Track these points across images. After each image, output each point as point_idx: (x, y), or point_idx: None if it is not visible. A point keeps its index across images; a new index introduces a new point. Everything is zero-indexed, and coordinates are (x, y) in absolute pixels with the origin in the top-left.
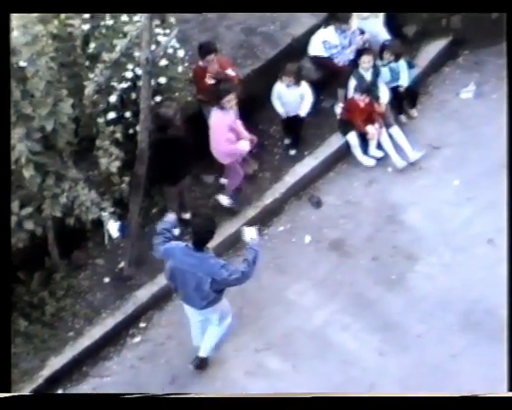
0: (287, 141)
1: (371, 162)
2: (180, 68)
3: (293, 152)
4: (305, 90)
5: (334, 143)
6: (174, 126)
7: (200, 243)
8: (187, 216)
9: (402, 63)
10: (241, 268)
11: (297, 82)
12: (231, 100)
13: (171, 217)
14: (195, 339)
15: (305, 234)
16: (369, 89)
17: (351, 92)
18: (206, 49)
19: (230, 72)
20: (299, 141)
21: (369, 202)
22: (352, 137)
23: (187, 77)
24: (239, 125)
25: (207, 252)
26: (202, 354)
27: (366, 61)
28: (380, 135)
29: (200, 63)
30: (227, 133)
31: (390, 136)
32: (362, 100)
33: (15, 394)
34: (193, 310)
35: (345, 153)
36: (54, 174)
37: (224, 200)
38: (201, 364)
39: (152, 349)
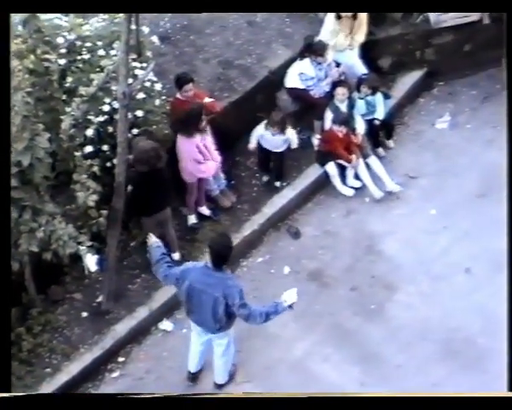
0: (265, 178)
1: (350, 192)
2: (157, 101)
3: (277, 184)
4: (291, 135)
5: (311, 174)
6: (152, 159)
7: (219, 262)
8: (176, 256)
9: (379, 97)
10: (254, 309)
11: (282, 130)
12: (201, 123)
13: (155, 241)
14: (192, 363)
15: (284, 265)
16: (346, 120)
17: (327, 124)
18: (182, 80)
19: (208, 100)
20: (283, 173)
21: (347, 233)
22: (331, 168)
23: (164, 110)
24: (210, 145)
25: (226, 272)
26: (220, 380)
27: (341, 93)
28: (357, 165)
29: (178, 95)
30: (195, 153)
31: (367, 166)
32: (340, 131)
33: (15, 394)
34: (199, 333)
35: (322, 184)
36: (30, 209)
37: (192, 219)
38: (220, 388)
39: (131, 384)
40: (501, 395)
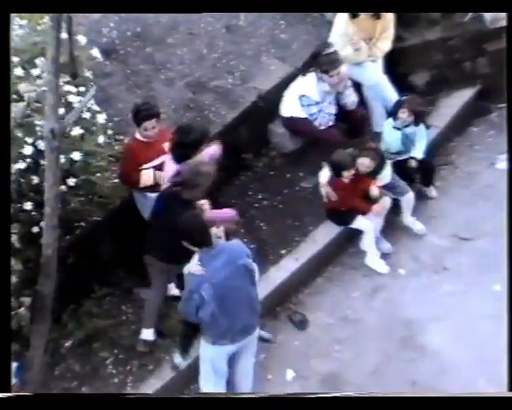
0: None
1: (384, 268)
2: (101, 139)
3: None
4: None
5: (320, 237)
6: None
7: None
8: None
9: (421, 128)
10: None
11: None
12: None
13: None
14: (210, 382)
15: (286, 368)
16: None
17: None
18: (144, 114)
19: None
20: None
21: (373, 319)
22: (364, 223)
23: (111, 151)
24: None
25: (219, 242)
26: (249, 387)
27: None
28: (381, 218)
29: (137, 135)
30: None
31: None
32: (346, 177)
33: (15, 394)
34: (226, 347)
35: (336, 250)
36: None
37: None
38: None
39: None
40: (501, 395)
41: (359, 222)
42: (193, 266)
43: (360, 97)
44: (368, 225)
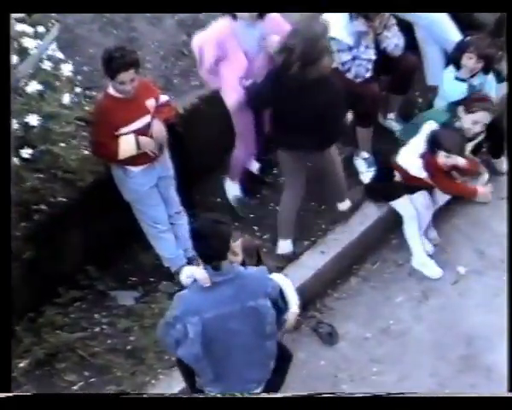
0: None
1: (435, 272)
2: (66, 97)
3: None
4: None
5: (353, 224)
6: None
7: (214, 256)
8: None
9: (491, 79)
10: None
11: None
12: None
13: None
14: None
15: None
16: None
17: (417, 146)
18: (118, 62)
19: (164, 99)
20: None
21: (423, 333)
22: (406, 207)
23: (79, 114)
24: None
25: (233, 265)
26: None
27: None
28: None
29: (110, 89)
30: None
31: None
32: (451, 162)
33: (15, 394)
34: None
35: (375, 242)
36: None
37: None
38: None
39: None
40: (501, 395)
41: (402, 204)
42: (198, 272)
43: (409, 39)
44: (409, 211)
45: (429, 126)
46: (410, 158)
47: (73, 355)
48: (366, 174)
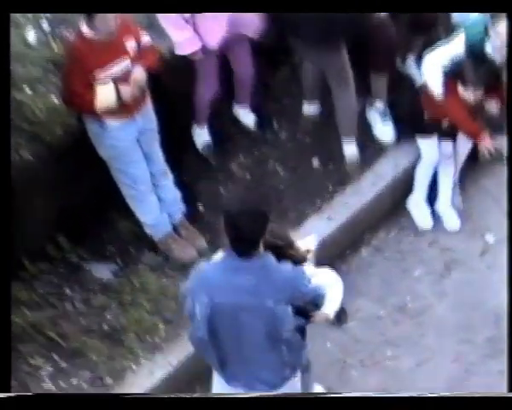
0: None
1: (426, 222)
2: (31, 35)
3: None
4: None
5: (365, 185)
6: None
7: (249, 243)
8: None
9: None
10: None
11: None
12: None
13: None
14: None
15: (314, 382)
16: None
17: (435, 78)
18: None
19: (146, 41)
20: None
21: (445, 311)
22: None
23: (48, 55)
24: None
25: (265, 255)
26: None
27: None
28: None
29: (84, 29)
30: None
31: None
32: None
33: (15, 394)
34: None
35: (390, 206)
36: None
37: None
38: None
39: None
40: (501, 395)
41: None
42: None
43: None
44: (434, 153)
45: (460, 40)
46: (435, 69)
47: (41, 337)
48: (381, 128)
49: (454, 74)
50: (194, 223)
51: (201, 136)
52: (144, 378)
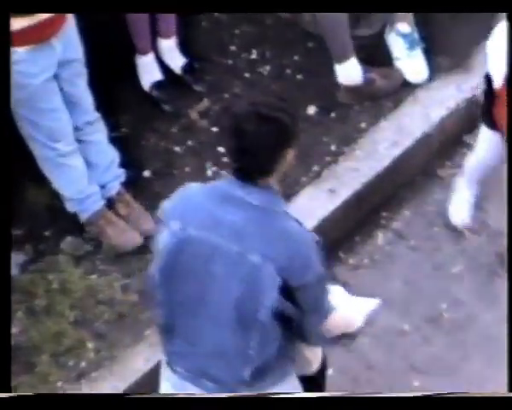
0: None
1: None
2: None
3: None
4: None
5: (384, 141)
6: None
7: (257, 162)
8: None
9: None
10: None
11: None
12: None
13: None
14: None
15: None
16: None
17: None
18: None
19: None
20: None
21: (497, 321)
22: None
23: None
24: None
25: (273, 193)
26: None
27: None
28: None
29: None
30: None
31: None
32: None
33: (15, 394)
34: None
35: (419, 171)
36: None
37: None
38: None
39: None
40: (501, 395)
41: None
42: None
43: None
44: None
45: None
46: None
47: None
48: (405, 59)
49: None
50: (138, 196)
51: (147, 68)
52: None
